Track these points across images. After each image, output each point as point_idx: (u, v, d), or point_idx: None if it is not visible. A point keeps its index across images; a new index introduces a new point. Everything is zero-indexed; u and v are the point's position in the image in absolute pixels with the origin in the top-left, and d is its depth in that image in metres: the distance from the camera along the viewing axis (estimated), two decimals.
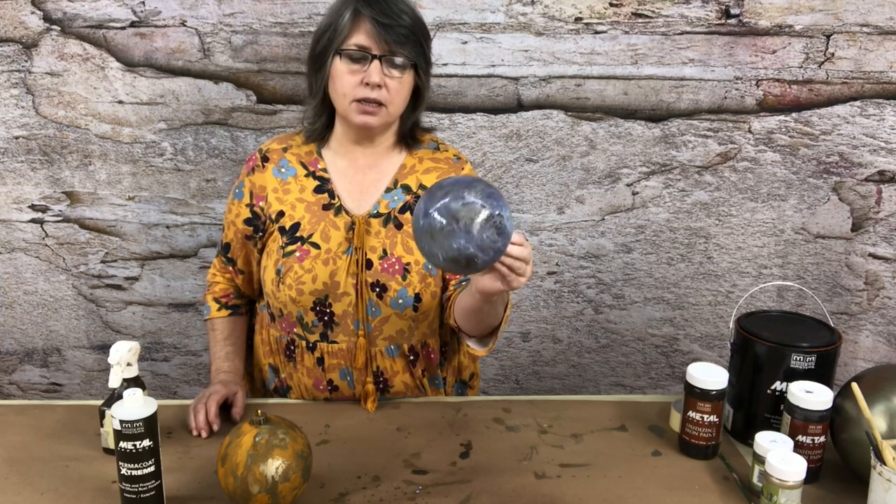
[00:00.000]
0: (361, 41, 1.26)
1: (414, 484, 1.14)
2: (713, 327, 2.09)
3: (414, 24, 1.28)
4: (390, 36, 1.24)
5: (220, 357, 1.42)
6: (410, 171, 1.38)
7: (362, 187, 1.37)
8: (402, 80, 1.29)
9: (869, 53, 1.87)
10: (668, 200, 1.99)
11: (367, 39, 1.25)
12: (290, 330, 1.37)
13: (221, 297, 1.47)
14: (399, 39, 1.25)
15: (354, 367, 1.35)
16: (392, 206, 1.35)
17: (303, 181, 1.37)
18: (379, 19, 1.24)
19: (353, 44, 1.26)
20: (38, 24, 1.86)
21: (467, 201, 1.03)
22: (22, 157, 1.95)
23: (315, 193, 1.36)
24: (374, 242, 1.33)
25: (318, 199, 1.36)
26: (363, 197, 1.37)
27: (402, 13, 1.26)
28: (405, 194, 1.37)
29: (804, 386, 1.15)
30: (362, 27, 1.25)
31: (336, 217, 1.34)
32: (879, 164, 1.95)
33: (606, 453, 1.23)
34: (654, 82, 1.90)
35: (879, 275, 2.02)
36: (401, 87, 1.29)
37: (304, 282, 1.31)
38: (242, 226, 1.40)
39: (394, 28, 1.24)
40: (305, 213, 1.35)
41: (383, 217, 1.34)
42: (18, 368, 2.15)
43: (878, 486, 1.00)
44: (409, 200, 1.36)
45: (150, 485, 1.04)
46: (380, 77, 1.26)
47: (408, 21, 1.26)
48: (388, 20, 1.24)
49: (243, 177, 1.41)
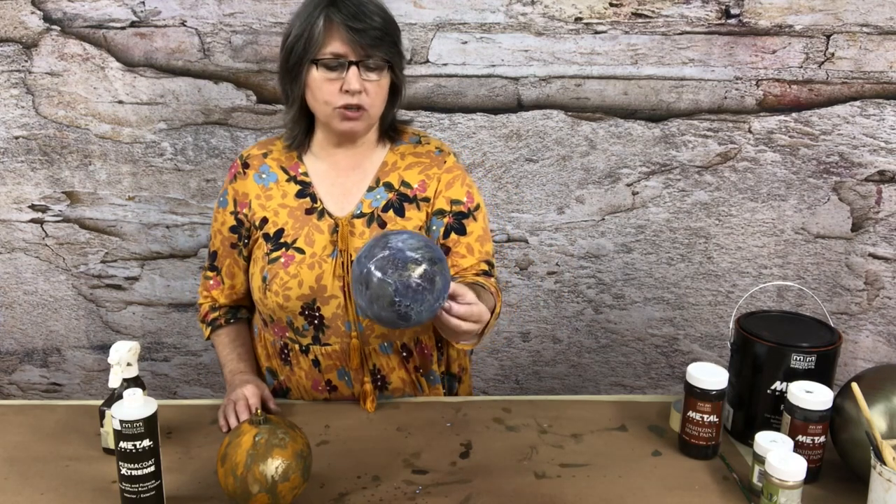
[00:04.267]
0: (336, 49, 1.25)
1: (414, 484, 1.14)
2: (713, 327, 2.09)
3: (385, 24, 1.27)
4: (365, 40, 1.24)
5: (233, 359, 1.41)
6: (392, 168, 1.38)
7: (344, 189, 1.37)
8: (381, 82, 1.29)
9: (869, 53, 1.87)
10: (668, 200, 1.99)
11: (342, 46, 1.25)
12: (283, 334, 1.37)
13: (210, 318, 1.47)
14: (373, 42, 1.25)
15: (350, 367, 1.35)
16: (375, 206, 1.35)
17: (284, 186, 1.37)
18: (352, 24, 1.23)
19: (329, 52, 1.25)
20: (38, 24, 1.86)
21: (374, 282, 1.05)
22: (22, 157, 1.95)
23: (297, 198, 1.36)
24: (359, 243, 1.32)
25: (301, 204, 1.35)
26: (346, 198, 1.36)
27: (373, 14, 1.25)
28: (387, 192, 1.36)
29: (804, 386, 1.15)
30: (336, 34, 1.24)
31: (319, 221, 1.34)
32: (879, 164, 1.95)
33: (606, 453, 1.23)
34: (654, 82, 1.90)
35: (879, 275, 2.02)
36: (380, 88, 1.29)
37: (291, 287, 1.31)
38: (228, 233, 1.40)
39: (367, 32, 1.24)
40: (288, 218, 1.35)
41: (367, 217, 1.34)
42: (18, 368, 2.15)
43: (878, 486, 1.00)
44: (392, 198, 1.36)
45: (150, 485, 1.04)
46: (359, 83, 1.25)
47: (379, 22, 1.26)
48: (360, 24, 1.23)
49: (227, 184, 1.41)
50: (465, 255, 1.36)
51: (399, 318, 1.06)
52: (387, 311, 1.06)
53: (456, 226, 1.36)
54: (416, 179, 1.37)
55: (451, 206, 1.36)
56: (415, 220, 1.35)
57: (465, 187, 1.38)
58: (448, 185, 1.37)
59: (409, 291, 1.04)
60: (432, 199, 1.37)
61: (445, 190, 1.37)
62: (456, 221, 1.36)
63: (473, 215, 1.38)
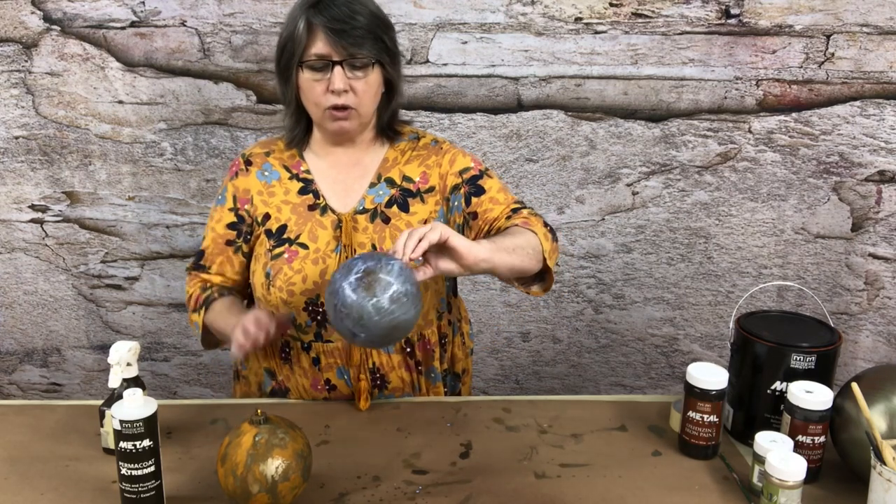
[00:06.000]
0: (320, 50, 1.25)
1: (414, 484, 1.14)
2: (713, 327, 2.09)
3: (370, 22, 1.27)
4: (346, 40, 1.24)
5: (234, 315, 1.30)
6: (393, 164, 1.39)
7: (346, 185, 1.37)
8: (368, 80, 1.29)
9: (869, 53, 1.87)
10: (668, 200, 1.99)
11: (324, 47, 1.25)
12: (284, 332, 1.37)
13: (202, 297, 1.40)
14: (356, 42, 1.24)
15: (350, 364, 1.35)
16: (378, 202, 1.36)
17: (287, 184, 1.38)
18: (331, 26, 1.23)
19: (313, 54, 1.26)
20: (38, 24, 1.86)
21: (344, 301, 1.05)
22: (22, 157, 1.95)
23: (300, 195, 1.36)
24: (363, 238, 1.33)
25: (304, 200, 1.36)
26: (348, 194, 1.37)
27: (356, 14, 1.25)
28: (389, 188, 1.37)
29: (804, 386, 1.15)
30: (318, 36, 1.25)
31: (322, 216, 1.34)
32: (879, 164, 1.95)
33: (606, 453, 1.23)
34: (654, 82, 1.90)
35: (879, 275, 2.02)
36: (367, 86, 1.29)
37: (295, 283, 1.31)
38: (224, 230, 1.40)
39: (348, 32, 1.24)
40: (291, 214, 1.35)
41: (370, 213, 1.35)
42: (18, 368, 2.15)
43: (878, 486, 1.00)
44: (395, 194, 1.36)
45: (150, 485, 1.04)
46: (344, 83, 1.26)
47: (362, 21, 1.25)
48: (341, 25, 1.23)
49: (226, 182, 1.42)
50: (492, 207, 1.35)
51: (393, 329, 1.06)
52: (381, 329, 1.06)
53: (473, 190, 1.36)
54: (417, 172, 1.38)
55: (462, 177, 1.37)
56: (420, 214, 1.36)
57: (468, 157, 1.40)
58: (451, 161, 1.38)
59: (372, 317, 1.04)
60: (440, 184, 1.37)
61: (451, 167, 1.38)
62: (472, 186, 1.37)
63: (486, 174, 1.39)
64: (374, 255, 1.08)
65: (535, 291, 1.32)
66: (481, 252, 1.14)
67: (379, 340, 1.09)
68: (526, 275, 1.27)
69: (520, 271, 1.24)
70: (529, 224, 1.29)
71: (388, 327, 1.05)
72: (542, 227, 1.29)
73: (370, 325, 1.04)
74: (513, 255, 1.20)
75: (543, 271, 1.29)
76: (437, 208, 1.37)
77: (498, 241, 1.21)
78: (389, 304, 1.03)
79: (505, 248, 1.19)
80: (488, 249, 1.15)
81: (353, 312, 1.04)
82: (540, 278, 1.31)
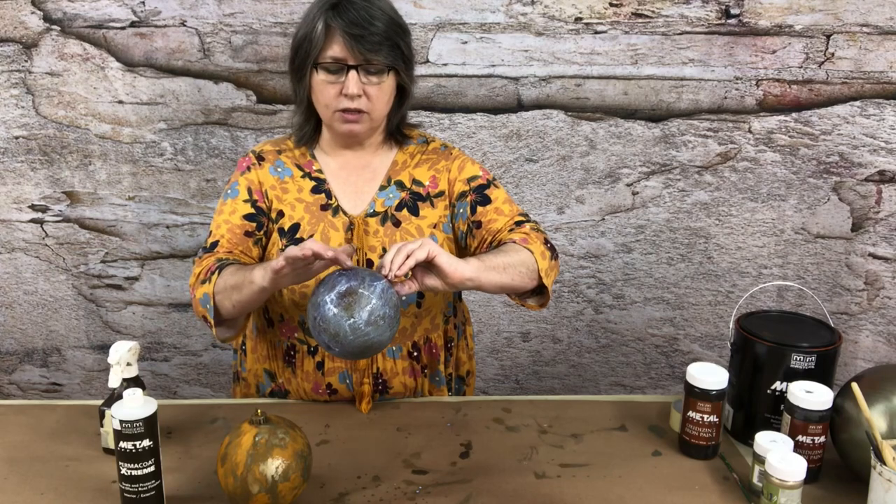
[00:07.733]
0: (336, 53, 1.25)
1: (414, 484, 1.14)
2: (713, 327, 2.09)
3: (388, 28, 1.26)
4: (363, 45, 1.23)
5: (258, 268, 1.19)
6: (402, 167, 1.38)
7: (357, 187, 1.37)
8: (382, 86, 1.28)
9: (869, 53, 1.87)
10: (668, 200, 1.99)
11: (341, 51, 1.24)
12: (291, 335, 1.36)
13: (210, 270, 1.27)
14: (373, 48, 1.24)
15: (356, 368, 1.35)
16: (388, 205, 1.35)
17: (300, 182, 1.37)
18: (349, 30, 1.22)
19: (329, 56, 1.25)
20: (38, 24, 1.86)
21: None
22: (22, 157, 1.95)
23: (312, 193, 1.36)
24: (374, 242, 1.33)
25: (316, 200, 1.36)
26: (358, 197, 1.37)
27: (374, 19, 1.24)
28: (399, 191, 1.37)
29: (804, 386, 1.15)
30: (335, 39, 1.24)
31: (334, 217, 1.34)
32: (879, 164, 1.95)
33: (606, 453, 1.23)
34: (654, 82, 1.90)
35: (879, 275, 2.02)
36: (381, 92, 1.29)
37: (308, 284, 1.30)
38: (241, 221, 1.34)
39: (366, 37, 1.23)
40: (304, 213, 1.35)
41: (380, 216, 1.34)
42: (18, 368, 2.15)
43: (878, 486, 1.00)
44: (405, 197, 1.36)
45: (150, 485, 1.04)
46: (358, 87, 1.25)
47: (380, 27, 1.25)
48: (359, 30, 1.23)
49: (236, 177, 1.38)
50: (496, 218, 1.36)
51: (367, 348, 1.10)
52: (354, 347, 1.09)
53: (479, 199, 1.37)
54: (427, 176, 1.38)
55: (469, 185, 1.37)
56: (430, 218, 1.36)
57: (477, 165, 1.41)
58: (460, 168, 1.39)
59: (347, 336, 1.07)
60: (448, 189, 1.38)
61: (459, 174, 1.38)
62: (478, 195, 1.37)
63: (493, 184, 1.39)
64: (358, 273, 1.11)
65: (530, 305, 1.33)
66: (467, 271, 1.17)
67: (352, 356, 1.13)
68: (517, 292, 1.30)
69: (510, 289, 1.27)
70: (528, 241, 1.30)
71: (362, 346, 1.09)
72: (541, 245, 1.30)
73: (345, 342, 1.08)
74: (503, 273, 1.22)
75: (541, 287, 1.30)
76: (446, 213, 1.37)
77: (488, 259, 1.22)
78: (365, 326, 1.07)
79: (494, 267, 1.22)
80: (475, 268, 1.18)
81: (330, 328, 1.07)
82: (538, 292, 1.32)
